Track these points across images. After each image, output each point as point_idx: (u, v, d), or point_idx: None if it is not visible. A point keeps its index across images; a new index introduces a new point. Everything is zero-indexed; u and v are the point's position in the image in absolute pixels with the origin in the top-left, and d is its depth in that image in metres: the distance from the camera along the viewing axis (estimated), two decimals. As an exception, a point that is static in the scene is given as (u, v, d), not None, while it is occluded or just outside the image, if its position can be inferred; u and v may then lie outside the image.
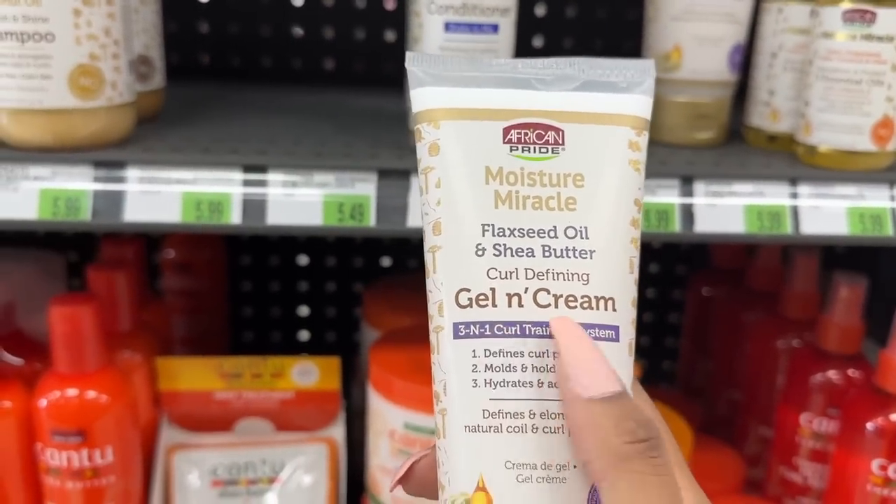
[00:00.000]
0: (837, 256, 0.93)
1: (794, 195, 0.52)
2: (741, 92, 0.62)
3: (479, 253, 0.27)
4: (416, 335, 0.62)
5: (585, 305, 0.27)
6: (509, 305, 0.26)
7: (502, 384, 0.26)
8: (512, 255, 0.27)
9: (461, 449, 0.27)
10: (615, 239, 0.27)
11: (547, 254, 0.27)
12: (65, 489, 0.55)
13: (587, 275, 0.27)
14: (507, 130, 0.27)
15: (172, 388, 0.63)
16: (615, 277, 0.27)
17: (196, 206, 0.48)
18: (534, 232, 0.27)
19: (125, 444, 0.57)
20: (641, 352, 1.02)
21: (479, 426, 0.26)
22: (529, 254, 0.27)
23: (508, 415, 0.26)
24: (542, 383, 0.26)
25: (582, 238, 0.27)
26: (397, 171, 0.50)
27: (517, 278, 0.27)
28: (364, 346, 0.72)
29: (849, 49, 0.51)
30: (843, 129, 0.52)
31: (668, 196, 0.50)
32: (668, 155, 0.56)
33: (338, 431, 0.65)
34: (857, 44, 0.50)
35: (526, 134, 0.27)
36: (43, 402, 0.54)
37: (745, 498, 0.72)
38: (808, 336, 0.69)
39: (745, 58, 0.60)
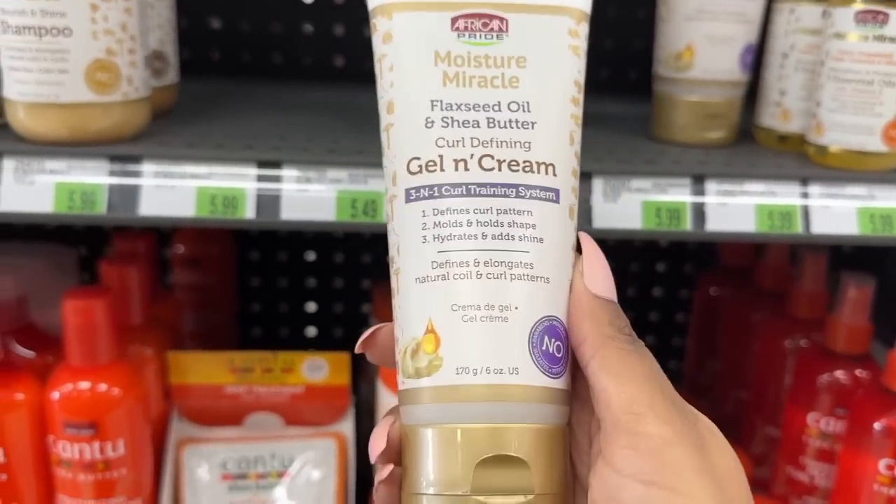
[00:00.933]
0: (845, 257, 0.93)
1: (805, 195, 0.52)
2: (752, 92, 0.62)
3: (429, 125, 0.29)
4: (426, 331, 0.62)
5: (528, 169, 0.29)
6: (456, 170, 0.29)
7: (449, 238, 0.29)
8: (459, 126, 0.29)
9: (412, 299, 0.29)
10: (555, 112, 0.30)
11: (491, 125, 0.29)
12: (76, 481, 0.56)
13: (529, 143, 0.29)
14: (454, 20, 0.29)
15: (183, 382, 0.63)
16: (556, 146, 0.30)
17: (210, 200, 0.48)
18: (479, 106, 0.29)
19: (136, 438, 0.58)
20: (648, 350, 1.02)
21: (427, 276, 0.29)
22: (475, 125, 0.29)
23: (455, 264, 0.29)
24: (486, 236, 0.29)
25: (524, 111, 0.29)
26: (410, 167, 0.50)
27: (463, 146, 0.29)
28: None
29: (861, 50, 0.51)
30: (854, 130, 0.52)
31: (680, 195, 0.51)
32: (679, 154, 0.56)
33: (347, 426, 0.65)
34: (870, 45, 0.51)
35: (472, 23, 0.29)
36: (55, 395, 0.55)
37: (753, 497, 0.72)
38: (816, 336, 0.69)
39: (757, 58, 0.60)
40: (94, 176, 0.48)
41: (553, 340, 0.29)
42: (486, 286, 0.28)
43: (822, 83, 0.54)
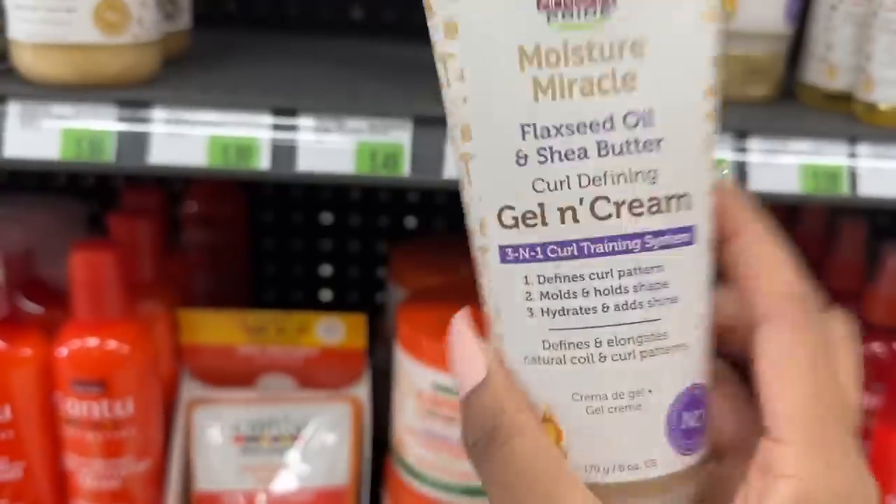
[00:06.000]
0: (882, 227, 0.90)
1: (853, 155, 0.49)
2: (795, 48, 0.58)
3: (521, 161, 0.23)
4: (445, 294, 0.60)
5: (654, 209, 0.23)
6: (562, 222, 0.23)
7: (561, 313, 0.23)
8: (560, 160, 0.22)
9: (523, 378, 0.24)
10: (687, 117, 0.23)
11: (603, 152, 0.22)
12: (84, 440, 0.54)
13: (654, 171, 0.22)
14: None
15: (194, 342, 0.61)
16: (688, 167, 0.23)
17: (223, 149, 0.45)
18: (585, 126, 0.22)
19: (146, 397, 0.56)
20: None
21: (539, 357, 0.24)
22: (582, 155, 0.22)
23: (572, 345, 0.24)
24: (608, 307, 0.23)
25: (646, 125, 0.22)
26: (434, 118, 0.47)
27: (569, 188, 0.22)
28: (390, 305, 0.71)
29: (920, -1, 0.47)
30: (908, 86, 0.49)
31: (721, 152, 0.48)
32: (719, 111, 0.53)
33: (362, 391, 0.63)
34: (930, -7, 0.47)
35: None
36: (63, 351, 0.53)
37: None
38: (853, 307, 0.66)
39: (803, 9, 0.57)
40: (103, 122, 0.45)
41: (693, 412, 0.25)
42: (612, 370, 0.24)
43: (873, 35, 0.50)
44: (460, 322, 0.26)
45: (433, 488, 0.56)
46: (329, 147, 0.46)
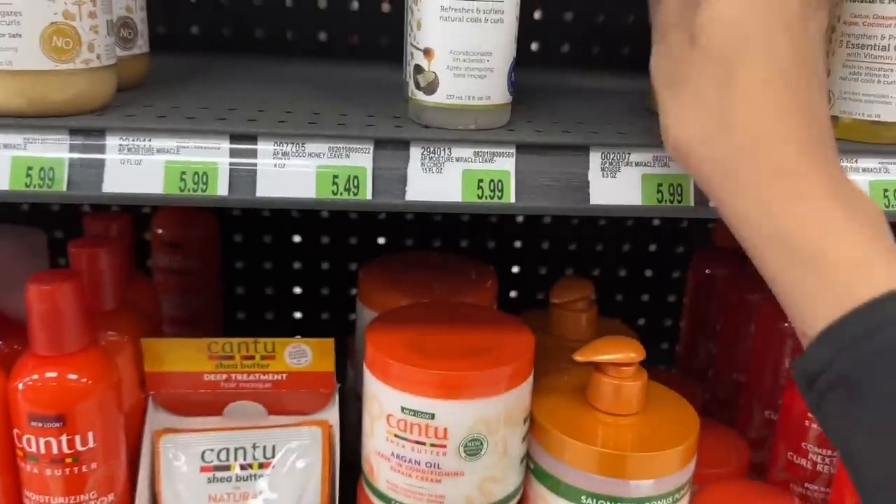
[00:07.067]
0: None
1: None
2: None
3: None
4: (414, 315, 0.59)
5: None
6: None
7: None
8: None
9: None
10: None
11: None
12: (43, 476, 0.52)
13: None
14: None
15: (159, 370, 0.60)
16: None
17: (180, 176, 0.45)
18: None
19: (108, 429, 0.55)
20: (638, 332, 1.00)
21: None
22: None
23: None
24: None
25: None
26: (396, 140, 0.47)
27: None
28: (360, 326, 0.70)
29: (875, 13, 0.48)
30: (867, 99, 0.49)
31: (682, 169, 0.48)
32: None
33: (332, 414, 0.62)
34: (884, 7, 0.47)
35: None
36: (19, 386, 0.52)
37: (750, 483, 0.70)
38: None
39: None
40: (54, 151, 0.44)
41: None
42: None
43: (832, 49, 0.50)
44: None
45: (405, 513, 0.55)
46: (289, 172, 0.46)
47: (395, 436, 0.54)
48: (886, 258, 0.37)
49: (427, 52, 0.47)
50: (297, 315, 0.98)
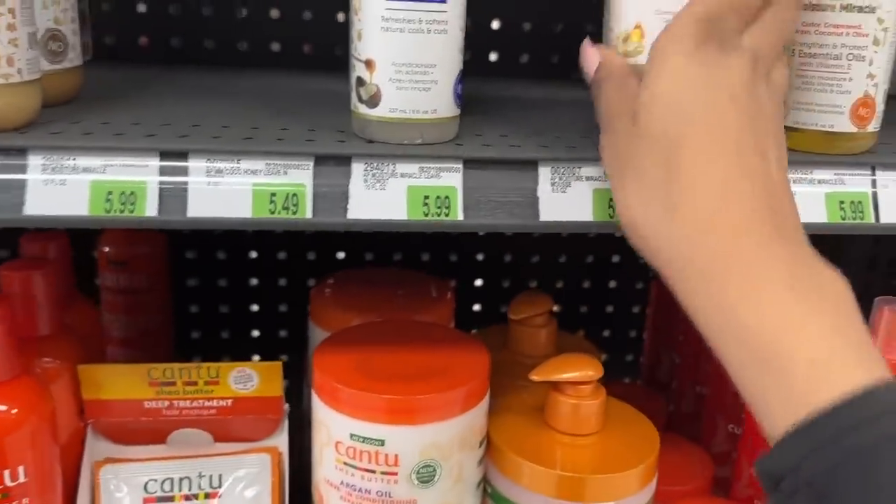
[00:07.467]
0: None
1: (769, 181, 0.48)
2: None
3: None
4: (365, 336, 0.57)
5: None
6: None
7: None
8: None
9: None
10: None
11: None
12: (-30, 514, 0.50)
13: None
14: None
15: (97, 398, 0.57)
16: None
17: (106, 197, 0.42)
18: None
19: (42, 462, 0.52)
20: (602, 344, 0.98)
21: None
22: None
23: None
24: None
25: None
26: (337, 156, 0.45)
27: None
28: (311, 347, 0.67)
29: (827, 21, 0.47)
30: (820, 109, 0.48)
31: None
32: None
33: (281, 440, 0.60)
34: (837, 15, 0.46)
35: None
36: (-57, 419, 0.49)
37: (714, 499, 0.69)
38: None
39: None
40: (-30, 171, 0.42)
41: None
42: None
43: (785, 59, 0.49)
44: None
45: (356, 543, 0.53)
46: (223, 190, 0.43)
47: (345, 463, 0.52)
48: (844, 355, 0.35)
49: (368, 64, 0.45)
50: (255, 333, 0.95)
